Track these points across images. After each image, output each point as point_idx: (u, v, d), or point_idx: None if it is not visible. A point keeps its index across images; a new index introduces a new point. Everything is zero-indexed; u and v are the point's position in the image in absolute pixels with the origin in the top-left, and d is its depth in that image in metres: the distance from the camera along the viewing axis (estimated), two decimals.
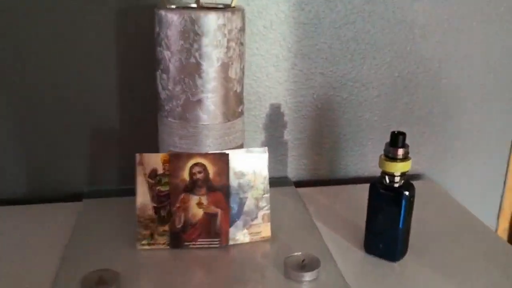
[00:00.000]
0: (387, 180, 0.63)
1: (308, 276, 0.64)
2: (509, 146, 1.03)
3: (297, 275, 0.65)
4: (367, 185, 0.68)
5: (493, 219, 1.07)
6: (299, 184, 0.95)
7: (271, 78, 0.89)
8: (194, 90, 0.68)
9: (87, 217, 0.80)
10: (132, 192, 0.84)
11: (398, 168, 0.62)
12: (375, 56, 0.91)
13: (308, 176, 0.97)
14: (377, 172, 0.65)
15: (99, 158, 0.88)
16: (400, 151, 0.62)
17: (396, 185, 0.63)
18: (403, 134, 0.62)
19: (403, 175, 0.64)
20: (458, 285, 0.65)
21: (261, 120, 0.91)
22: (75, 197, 0.87)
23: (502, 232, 1.07)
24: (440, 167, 1.01)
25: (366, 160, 0.97)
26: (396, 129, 0.97)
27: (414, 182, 0.66)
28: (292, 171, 0.96)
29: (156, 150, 0.75)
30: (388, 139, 0.63)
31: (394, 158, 0.62)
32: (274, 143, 0.93)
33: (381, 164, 0.63)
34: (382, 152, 0.64)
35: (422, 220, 0.80)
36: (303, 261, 0.67)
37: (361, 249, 0.73)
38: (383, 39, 0.90)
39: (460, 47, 0.94)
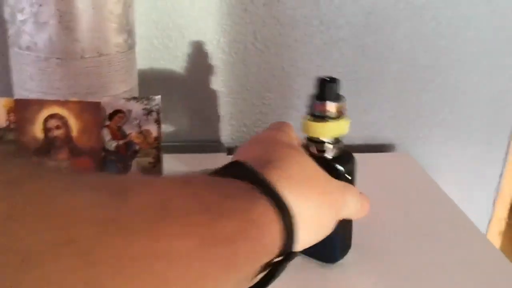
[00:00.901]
0: (315, 150, 0.41)
1: None
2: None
3: None
4: None
5: (488, 205, 0.85)
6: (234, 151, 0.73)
7: (195, 4, 0.67)
8: (42, 5, 0.46)
9: None
10: None
11: (328, 132, 0.40)
12: None
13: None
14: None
15: None
16: (331, 106, 0.40)
17: (328, 156, 0.41)
18: (334, 81, 0.40)
19: (337, 142, 0.42)
20: None
21: (182, 63, 0.69)
22: None
23: (498, 222, 0.85)
24: (422, 137, 0.79)
25: None
26: (367, 88, 0.75)
27: (385, 154, 0.45)
28: (228, 134, 0.75)
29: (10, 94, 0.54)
30: (357, 100, 0.40)
31: (321, 117, 0.40)
32: (201, 96, 0.72)
33: (304, 127, 0.41)
34: (350, 115, 0.42)
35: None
36: None
37: None
38: None
39: None
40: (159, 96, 0.50)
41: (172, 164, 0.63)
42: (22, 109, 0.49)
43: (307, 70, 0.72)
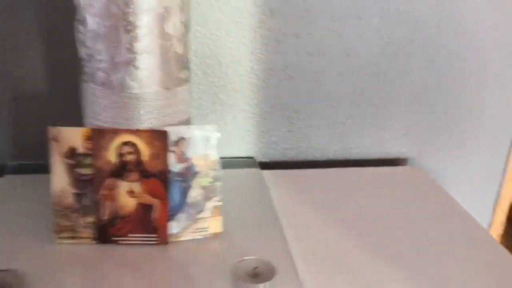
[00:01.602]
0: None
1: None
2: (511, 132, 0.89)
3: (246, 286, 0.52)
4: (346, 170, 0.54)
5: (488, 211, 0.94)
6: (266, 165, 0.81)
7: (233, 37, 0.74)
8: (119, 48, 0.53)
9: (4, 198, 0.66)
10: None
11: None
12: (361, 16, 0.75)
13: (278, 156, 0.83)
14: (359, 154, 0.51)
15: (21, 129, 0.74)
16: None
17: None
18: None
19: None
20: None
21: (221, 88, 0.76)
22: None
23: (497, 226, 0.94)
24: (431, 151, 0.87)
25: (346, 140, 0.83)
26: (381, 107, 0.83)
27: (398, 168, 0.52)
28: (260, 150, 0.82)
29: (81, 124, 0.60)
30: (374, 119, 0.47)
31: None
32: (236, 116, 0.79)
33: None
34: (363, 132, 0.49)
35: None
36: (255, 268, 0.54)
37: (332, 253, 0.60)
38: None
39: (462, 8, 0.78)
40: (216, 126, 0.57)
41: None
42: (98, 137, 0.55)
43: (332, 93, 0.80)
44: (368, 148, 0.84)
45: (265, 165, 0.81)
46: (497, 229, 0.96)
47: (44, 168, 0.72)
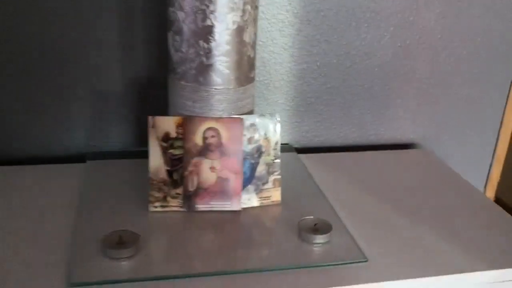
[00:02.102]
0: None
1: (321, 239, 0.66)
2: (500, 119, 1.07)
3: (311, 237, 0.67)
4: (366, 153, 0.67)
5: (479, 189, 1.11)
6: (299, 150, 0.96)
7: (276, 43, 0.89)
8: (208, 53, 0.67)
9: (92, 180, 0.79)
10: (136, 155, 0.84)
11: None
12: (380, 25, 0.92)
13: (309, 143, 0.98)
14: (375, 140, 0.67)
15: (102, 119, 0.87)
16: None
17: None
18: None
19: None
20: (447, 238, 0.69)
21: (265, 86, 0.91)
22: (78, 158, 0.86)
23: None
24: (435, 137, 1.04)
25: (366, 128, 0.99)
26: (393, 100, 0.99)
27: (409, 151, 0.67)
28: (294, 138, 0.97)
29: (163, 113, 0.74)
30: (387, 110, 0.63)
31: None
32: (277, 109, 0.94)
33: None
34: (379, 121, 0.63)
35: (416, 186, 0.84)
36: (315, 224, 0.69)
37: (368, 215, 0.75)
38: (387, 8, 0.91)
39: (461, 20, 0.95)
40: (278, 114, 0.72)
41: None
42: (188, 124, 0.69)
43: (353, 89, 0.96)
44: (383, 135, 1.00)
45: (298, 150, 0.96)
46: None
47: (119, 155, 0.87)
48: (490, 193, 1.13)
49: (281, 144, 0.96)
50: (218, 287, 0.58)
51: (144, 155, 0.71)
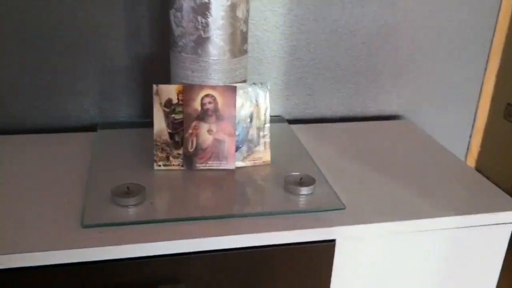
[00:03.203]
0: None
1: (305, 190, 0.75)
2: (479, 92, 1.15)
3: (296, 189, 0.76)
4: (352, 123, 0.75)
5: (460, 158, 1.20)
6: (290, 122, 1.05)
7: (269, 22, 0.97)
8: (205, 27, 0.76)
9: (102, 145, 0.88)
10: (142, 125, 0.93)
11: None
12: (363, 5, 1.00)
13: (299, 115, 1.07)
14: (362, 113, 0.75)
15: (112, 93, 0.96)
16: None
17: None
18: None
19: None
20: (431, 200, 0.78)
21: (258, 61, 1.00)
22: (89, 128, 0.95)
23: None
24: (417, 109, 1.12)
25: (351, 101, 1.08)
26: (378, 75, 1.07)
27: (393, 122, 0.76)
28: (285, 110, 1.06)
29: (166, 83, 0.83)
30: (372, 84, 0.71)
31: None
32: (269, 83, 1.02)
33: None
34: (365, 95, 0.73)
35: (400, 153, 0.92)
36: (300, 179, 0.78)
37: (350, 173, 0.84)
38: None
39: (440, 2, 1.04)
40: (269, 82, 0.81)
41: None
42: (188, 91, 0.78)
43: (341, 65, 1.04)
44: (368, 107, 1.09)
45: (289, 122, 1.05)
46: None
47: (127, 124, 0.96)
48: (471, 163, 1.21)
49: (273, 115, 1.06)
50: (214, 228, 0.67)
51: (150, 124, 0.80)
